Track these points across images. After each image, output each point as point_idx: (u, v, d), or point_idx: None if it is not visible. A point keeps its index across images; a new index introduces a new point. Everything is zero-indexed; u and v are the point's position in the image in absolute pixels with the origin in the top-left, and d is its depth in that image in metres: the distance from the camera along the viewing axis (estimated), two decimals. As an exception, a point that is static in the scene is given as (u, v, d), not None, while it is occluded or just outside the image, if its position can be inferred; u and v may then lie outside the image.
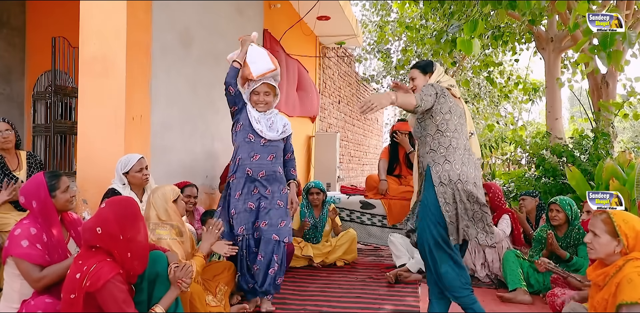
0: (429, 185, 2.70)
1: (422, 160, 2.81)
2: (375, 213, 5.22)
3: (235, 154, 3.35)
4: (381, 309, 3.33)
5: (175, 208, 2.94)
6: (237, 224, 3.24)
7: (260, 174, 3.29)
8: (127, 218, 2.15)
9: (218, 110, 5.12)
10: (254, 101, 3.37)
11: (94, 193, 3.46)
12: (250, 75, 3.34)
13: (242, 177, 3.29)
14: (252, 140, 3.31)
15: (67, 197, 2.46)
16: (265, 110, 3.38)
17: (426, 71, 2.98)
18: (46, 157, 5.40)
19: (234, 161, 3.35)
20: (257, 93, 3.36)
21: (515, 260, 3.62)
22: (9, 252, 2.30)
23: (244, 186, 3.28)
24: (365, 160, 14.68)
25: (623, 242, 2.12)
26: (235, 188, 3.29)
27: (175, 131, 4.39)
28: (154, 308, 2.22)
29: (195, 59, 4.70)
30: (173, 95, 4.32)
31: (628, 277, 2.03)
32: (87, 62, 3.64)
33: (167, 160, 4.22)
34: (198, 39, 4.73)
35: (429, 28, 8.92)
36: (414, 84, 2.99)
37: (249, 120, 3.33)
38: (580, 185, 4.81)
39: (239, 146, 3.34)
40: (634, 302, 1.97)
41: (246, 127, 3.33)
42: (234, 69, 3.35)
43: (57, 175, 2.47)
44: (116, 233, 2.11)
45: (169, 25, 4.23)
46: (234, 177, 3.32)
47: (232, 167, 3.34)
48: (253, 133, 3.31)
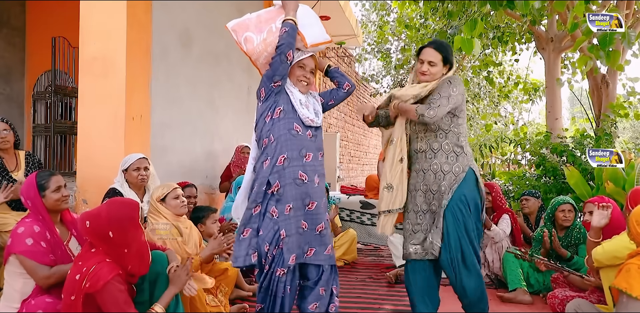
0: (469, 185, 2.57)
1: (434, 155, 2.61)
2: (375, 213, 5.22)
3: (273, 152, 2.44)
4: (381, 309, 3.32)
5: (162, 207, 2.94)
6: (288, 252, 2.38)
7: (317, 181, 2.52)
8: (121, 219, 2.12)
9: (218, 110, 5.13)
10: (297, 77, 2.55)
11: (94, 193, 3.46)
12: (303, 41, 2.55)
13: (291, 183, 2.42)
14: (300, 132, 2.48)
15: (57, 196, 2.41)
16: (306, 91, 2.59)
17: (448, 60, 2.62)
18: (46, 157, 5.41)
19: (272, 162, 2.44)
20: (303, 66, 2.56)
21: (515, 260, 3.62)
22: (13, 250, 2.29)
23: (296, 198, 2.44)
24: (365, 160, 14.69)
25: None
26: (283, 200, 2.41)
27: (175, 131, 4.39)
28: (153, 308, 2.21)
29: (195, 58, 4.70)
30: (173, 95, 4.32)
31: (628, 266, 2.10)
32: (87, 62, 3.64)
33: (167, 160, 4.22)
34: (198, 39, 4.73)
35: (429, 27, 8.92)
36: (431, 70, 2.58)
37: (291, 104, 2.49)
38: (580, 185, 4.81)
39: (282, 140, 2.44)
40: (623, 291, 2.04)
41: (289, 113, 2.48)
42: (293, 27, 2.48)
43: (48, 175, 2.45)
44: (104, 231, 2.10)
45: (169, 25, 4.24)
46: (278, 186, 2.41)
47: (269, 170, 2.43)
48: (298, 122, 2.48)
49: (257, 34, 2.57)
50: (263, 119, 2.49)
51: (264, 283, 2.41)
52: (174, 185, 3.08)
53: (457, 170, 2.58)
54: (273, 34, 2.52)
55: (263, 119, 2.49)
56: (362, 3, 12.99)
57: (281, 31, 2.46)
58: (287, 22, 2.48)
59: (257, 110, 2.54)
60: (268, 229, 2.39)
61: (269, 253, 2.38)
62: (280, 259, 2.38)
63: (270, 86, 2.48)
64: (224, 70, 5.34)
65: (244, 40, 2.59)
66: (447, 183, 2.56)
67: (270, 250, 2.38)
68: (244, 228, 2.45)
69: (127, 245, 2.12)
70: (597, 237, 2.71)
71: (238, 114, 5.71)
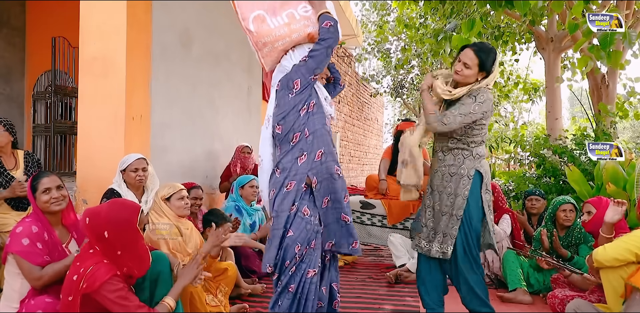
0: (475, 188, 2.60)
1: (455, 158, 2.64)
2: (375, 213, 5.22)
3: (309, 147, 2.36)
4: (381, 309, 3.32)
5: (166, 206, 2.95)
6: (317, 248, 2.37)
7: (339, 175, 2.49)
8: (118, 221, 2.13)
9: (218, 110, 5.12)
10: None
11: (94, 193, 3.46)
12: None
13: (329, 178, 2.40)
14: (328, 128, 2.48)
15: (45, 198, 2.40)
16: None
17: (485, 67, 2.51)
18: (46, 157, 5.40)
19: (310, 157, 2.35)
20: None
21: (515, 260, 3.62)
22: (9, 249, 2.31)
23: (331, 192, 2.42)
24: (365, 160, 14.69)
25: None
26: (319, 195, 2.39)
27: (175, 131, 4.39)
28: (164, 300, 2.24)
29: (195, 58, 4.70)
30: (173, 95, 4.32)
31: None
32: (87, 62, 3.64)
33: (167, 160, 4.22)
34: (198, 39, 4.73)
35: (429, 27, 8.92)
36: (464, 71, 2.51)
37: (319, 98, 2.45)
38: (580, 185, 4.81)
39: (318, 135, 2.37)
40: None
41: (320, 108, 2.43)
42: (337, 22, 2.46)
43: (40, 176, 2.46)
44: (100, 230, 2.11)
45: (169, 25, 4.24)
46: (316, 182, 2.36)
47: (308, 166, 2.34)
48: (326, 118, 2.48)
49: (271, 16, 2.45)
50: (297, 111, 2.35)
51: (292, 287, 2.29)
52: (180, 186, 3.09)
53: (463, 173, 2.60)
54: (298, 22, 2.44)
55: (296, 112, 2.35)
56: (362, 3, 13.00)
57: (326, 24, 2.40)
58: (328, 15, 2.44)
59: (285, 101, 2.38)
60: (300, 229, 2.31)
61: (297, 254, 2.29)
62: (312, 259, 2.31)
63: (309, 79, 2.38)
64: (224, 70, 5.34)
65: (254, 18, 2.44)
66: (454, 185, 2.61)
67: (301, 250, 2.30)
68: (284, 231, 2.32)
69: (121, 248, 2.12)
70: (609, 233, 2.74)
71: (238, 114, 5.71)
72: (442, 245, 2.62)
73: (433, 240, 2.67)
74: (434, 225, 2.69)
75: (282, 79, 2.42)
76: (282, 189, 2.35)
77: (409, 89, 14.09)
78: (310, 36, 2.47)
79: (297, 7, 2.48)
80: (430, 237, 2.70)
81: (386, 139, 18.92)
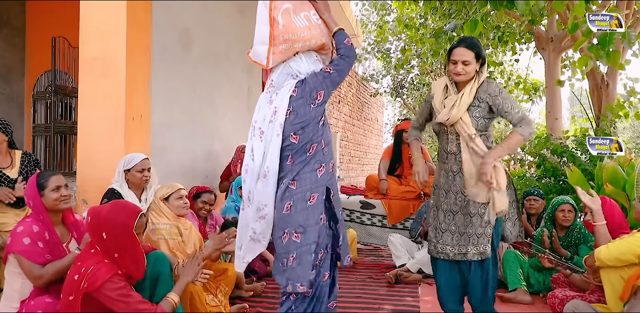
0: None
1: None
2: (375, 213, 5.22)
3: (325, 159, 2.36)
4: (381, 309, 3.32)
5: (165, 206, 2.96)
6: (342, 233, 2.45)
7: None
8: (115, 224, 2.14)
9: (218, 110, 5.12)
10: None
11: (94, 193, 3.46)
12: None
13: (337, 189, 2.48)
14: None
15: (55, 196, 2.41)
16: None
17: (480, 56, 2.51)
18: (46, 157, 5.41)
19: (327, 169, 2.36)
20: None
21: (515, 260, 3.62)
22: (10, 249, 2.31)
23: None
24: (365, 160, 14.70)
25: None
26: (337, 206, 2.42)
27: (175, 131, 4.39)
28: (168, 296, 2.25)
29: (195, 59, 4.70)
30: (173, 95, 4.32)
31: None
32: (87, 62, 3.64)
33: (166, 160, 4.22)
34: (198, 39, 4.74)
35: (429, 27, 8.92)
36: (466, 69, 2.49)
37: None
38: (581, 185, 4.80)
39: (330, 146, 2.42)
40: None
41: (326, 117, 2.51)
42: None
43: (48, 175, 2.46)
44: (99, 230, 2.13)
45: (169, 25, 4.24)
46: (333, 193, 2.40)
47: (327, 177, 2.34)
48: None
49: (294, 13, 2.34)
50: (316, 123, 2.31)
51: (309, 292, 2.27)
52: (178, 185, 3.10)
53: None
54: (315, 29, 2.39)
55: (316, 123, 2.31)
56: (362, 3, 13.00)
57: (347, 41, 2.41)
58: (344, 32, 2.45)
59: (306, 111, 2.28)
60: (323, 236, 2.30)
61: (319, 260, 2.29)
62: (327, 262, 2.34)
63: (331, 91, 2.37)
64: (224, 70, 5.34)
65: (284, 10, 2.31)
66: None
67: (323, 255, 2.31)
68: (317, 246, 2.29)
69: (118, 250, 2.13)
70: (601, 219, 2.76)
71: (238, 114, 5.71)
72: (479, 246, 2.58)
73: (466, 243, 2.58)
74: (456, 228, 2.61)
75: (303, 87, 2.32)
76: (304, 203, 2.26)
77: (409, 88, 14.10)
78: (322, 46, 2.44)
79: (310, 12, 2.42)
80: (454, 241, 2.61)
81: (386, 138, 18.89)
